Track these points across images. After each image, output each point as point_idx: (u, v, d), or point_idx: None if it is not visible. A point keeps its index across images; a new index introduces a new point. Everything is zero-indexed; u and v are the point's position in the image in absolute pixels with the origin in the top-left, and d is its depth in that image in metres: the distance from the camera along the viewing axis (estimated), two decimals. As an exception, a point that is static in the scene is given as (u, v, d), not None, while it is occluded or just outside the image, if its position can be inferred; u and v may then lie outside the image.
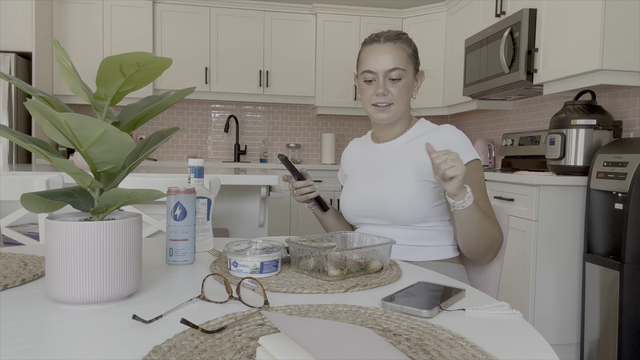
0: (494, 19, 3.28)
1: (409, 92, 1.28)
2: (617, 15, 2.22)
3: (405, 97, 1.27)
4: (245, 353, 0.54)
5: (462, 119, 4.53)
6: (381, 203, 1.24)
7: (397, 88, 1.25)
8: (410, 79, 1.28)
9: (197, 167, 1.08)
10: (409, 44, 1.28)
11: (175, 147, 4.72)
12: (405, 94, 1.27)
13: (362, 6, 4.47)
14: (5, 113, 3.59)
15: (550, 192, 2.32)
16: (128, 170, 0.73)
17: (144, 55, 0.63)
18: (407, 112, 1.33)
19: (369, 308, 0.70)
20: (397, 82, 1.25)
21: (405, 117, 1.33)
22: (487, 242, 1.15)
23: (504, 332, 0.63)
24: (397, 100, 1.26)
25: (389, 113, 1.27)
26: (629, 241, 1.96)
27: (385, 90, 1.25)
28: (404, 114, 1.31)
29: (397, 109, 1.27)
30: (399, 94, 1.25)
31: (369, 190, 1.28)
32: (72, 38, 4.15)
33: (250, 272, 0.85)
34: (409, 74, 1.27)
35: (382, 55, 1.24)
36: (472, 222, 1.10)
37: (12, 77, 0.69)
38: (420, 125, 1.32)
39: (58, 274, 0.68)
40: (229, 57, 4.41)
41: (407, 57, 1.26)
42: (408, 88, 1.27)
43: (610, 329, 2.08)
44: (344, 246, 1.01)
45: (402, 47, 1.26)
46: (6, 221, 1.44)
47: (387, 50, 1.25)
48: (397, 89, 1.25)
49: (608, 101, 2.66)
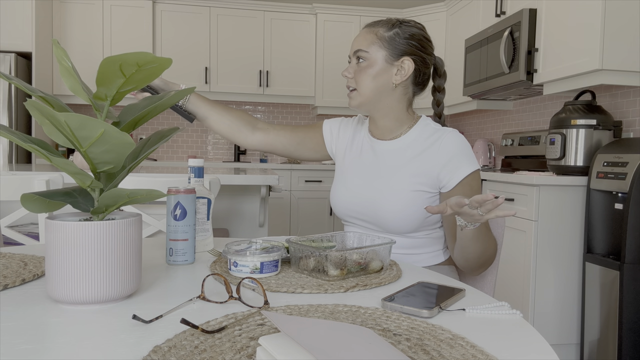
0: (494, 19, 3.29)
1: (376, 77, 1.16)
2: (617, 15, 2.22)
3: (368, 82, 1.17)
4: (245, 353, 0.54)
5: (462, 119, 4.53)
6: (374, 210, 1.18)
7: (359, 71, 1.17)
8: (378, 63, 1.16)
9: (197, 167, 1.08)
10: (389, 27, 1.17)
11: (175, 147, 4.72)
12: (368, 78, 1.17)
13: (362, 6, 4.47)
14: (5, 113, 3.59)
15: (550, 192, 2.32)
16: (128, 170, 0.73)
17: (144, 55, 0.63)
18: (395, 106, 1.21)
19: (369, 308, 0.70)
20: (360, 65, 1.18)
21: (401, 115, 1.22)
22: (485, 257, 1.11)
23: (504, 332, 0.63)
24: (358, 84, 1.17)
25: (352, 99, 1.20)
26: (629, 241, 1.96)
27: (349, 71, 1.19)
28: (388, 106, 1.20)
29: (360, 95, 1.18)
30: (359, 78, 1.17)
31: (363, 193, 1.21)
32: (72, 38, 4.15)
33: (250, 272, 0.85)
34: (375, 56, 1.16)
35: (355, 39, 1.20)
36: (477, 239, 1.05)
37: (12, 77, 0.69)
38: (422, 125, 1.22)
39: (58, 274, 0.68)
40: (229, 57, 4.41)
41: (376, 39, 1.16)
42: (374, 72, 1.16)
43: (610, 329, 2.08)
44: (344, 246, 1.01)
45: (374, 30, 1.17)
46: (6, 221, 1.44)
47: (360, 34, 1.20)
48: (359, 72, 1.17)
49: (608, 101, 2.66)
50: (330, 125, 1.36)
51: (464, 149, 1.17)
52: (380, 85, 1.17)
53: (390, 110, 1.21)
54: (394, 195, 1.17)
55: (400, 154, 1.21)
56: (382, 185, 1.19)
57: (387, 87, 1.18)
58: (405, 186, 1.17)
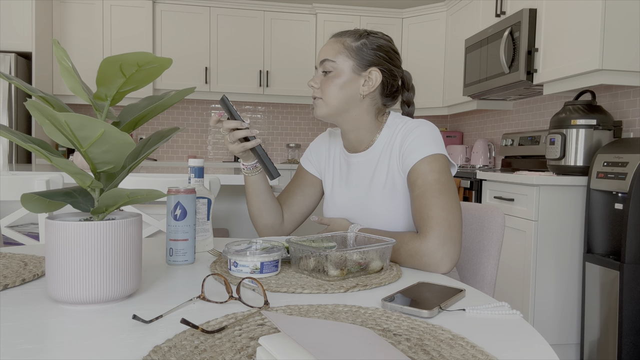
0: (494, 19, 3.29)
1: (343, 87, 1.14)
2: (617, 15, 2.23)
3: (335, 92, 1.14)
4: (245, 353, 0.54)
5: (462, 119, 4.53)
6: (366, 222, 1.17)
7: (325, 81, 1.15)
8: (344, 73, 1.14)
9: (197, 167, 1.08)
10: (357, 37, 1.15)
11: (175, 147, 4.72)
12: (335, 89, 1.14)
13: (362, 6, 4.47)
14: (5, 113, 3.59)
15: (550, 192, 2.32)
16: (128, 170, 0.73)
17: (144, 55, 0.63)
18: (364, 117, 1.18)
19: (369, 308, 0.70)
20: (326, 75, 1.15)
21: (370, 125, 1.19)
22: (413, 261, 1.01)
23: (504, 332, 0.63)
24: (325, 94, 1.14)
25: (317, 107, 1.16)
26: (629, 241, 1.96)
27: (315, 81, 1.16)
28: (356, 117, 1.17)
29: (326, 105, 1.15)
30: (326, 87, 1.14)
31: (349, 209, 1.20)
32: (72, 38, 4.15)
33: (250, 272, 0.85)
34: (342, 67, 1.14)
35: (322, 49, 1.18)
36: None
37: (12, 77, 0.69)
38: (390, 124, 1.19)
39: (58, 274, 0.68)
40: (229, 57, 4.41)
41: (343, 49, 1.14)
42: (341, 83, 1.14)
43: (610, 329, 2.08)
44: (344, 246, 1.01)
45: (341, 40, 1.16)
46: (6, 221, 1.44)
47: (327, 44, 1.18)
48: (325, 82, 1.14)
49: (608, 101, 2.66)
50: (307, 158, 1.34)
51: (423, 133, 1.11)
52: (348, 95, 1.15)
53: (359, 122, 1.18)
54: (378, 205, 1.15)
55: (374, 161, 1.19)
56: (364, 197, 1.17)
57: (355, 98, 1.15)
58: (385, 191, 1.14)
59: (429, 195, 1.04)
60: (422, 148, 1.09)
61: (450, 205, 1.03)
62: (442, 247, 0.99)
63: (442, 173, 1.06)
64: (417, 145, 1.09)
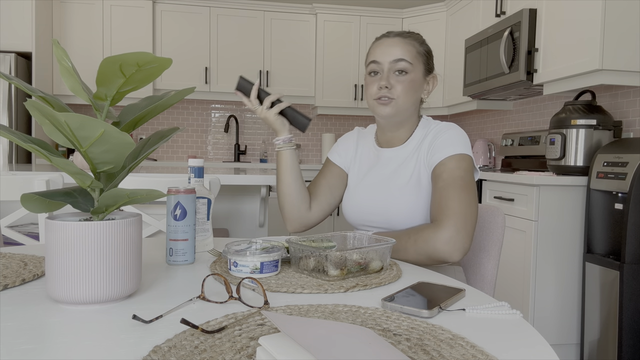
0: (494, 19, 3.29)
1: (416, 90, 1.19)
2: (617, 15, 2.22)
3: (410, 95, 1.18)
4: (245, 353, 0.54)
5: (462, 119, 4.53)
6: (385, 215, 1.20)
7: (402, 82, 1.17)
8: (418, 77, 1.19)
9: (197, 167, 1.08)
10: (421, 42, 1.22)
11: (175, 147, 4.72)
12: (411, 91, 1.18)
13: (362, 6, 4.47)
14: (5, 113, 3.59)
15: (550, 192, 2.32)
16: (128, 170, 0.73)
17: (144, 55, 0.63)
18: (412, 116, 1.23)
19: (369, 308, 0.70)
20: (403, 76, 1.17)
21: (411, 121, 1.24)
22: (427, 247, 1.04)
23: (504, 332, 0.63)
24: (402, 96, 1.17)
25: (390, 107, 1.18)
26: (629, 241, 1.96)
27: (388, 82, 1.17)
28: (409, 116, 1.22)
29: (400, 106, 1.18)
30: (404, 89, 1.17)
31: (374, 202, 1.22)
32: (72, 38, 4.15)
33: (250, 272, 0.85)
34: (416, 70, 1.19)
35: (389, 47, 1.18)
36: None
37: (12, 77, 0.69)
38: (423, 125, 1.25)
39: (58, 274, 0.68)
40: (229, 57, 4.41)
41: (416, 52, 1.19)
42: (415, 86, 1.19)
43: (610, 329, 2.08)
44: (344, 246, 1.01)
45: (411, 43, 1.20)
46: (6, 221, 1.44)
47: (395, 43, 1.19)
48: (402, 83, 1.17)
49: (608, 101, 2.66)
50: (335, 151, 1.37)
51: (454, 135, 1.16)
52: (416, 99, 1.21)
53: (407, 121, 1.24)
54: (398, 198, 1.18)
55: (404, 157, 1.23)
56: (386, 190, 1.20)
57: (418, 101, 1.23)
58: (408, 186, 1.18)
59: (452, 188, 1.08)
60: (452, 146, 1.14)
61: (469, 201, 1.07)
62: (457, 235, 1.02)
63: (467, 172, 1.12)
64: (448, 144, 1.14)
